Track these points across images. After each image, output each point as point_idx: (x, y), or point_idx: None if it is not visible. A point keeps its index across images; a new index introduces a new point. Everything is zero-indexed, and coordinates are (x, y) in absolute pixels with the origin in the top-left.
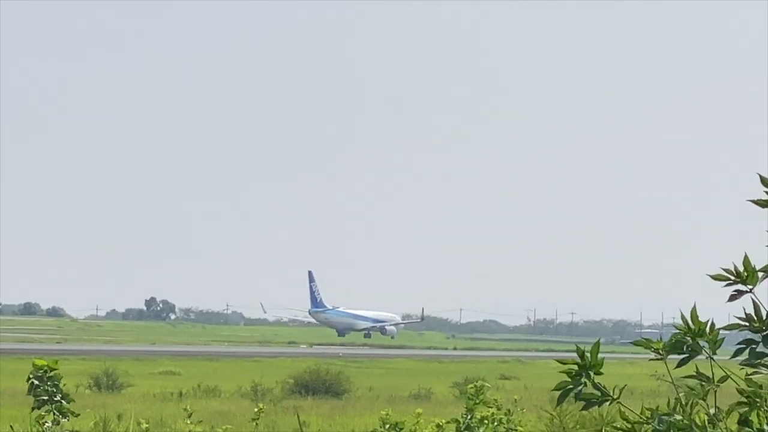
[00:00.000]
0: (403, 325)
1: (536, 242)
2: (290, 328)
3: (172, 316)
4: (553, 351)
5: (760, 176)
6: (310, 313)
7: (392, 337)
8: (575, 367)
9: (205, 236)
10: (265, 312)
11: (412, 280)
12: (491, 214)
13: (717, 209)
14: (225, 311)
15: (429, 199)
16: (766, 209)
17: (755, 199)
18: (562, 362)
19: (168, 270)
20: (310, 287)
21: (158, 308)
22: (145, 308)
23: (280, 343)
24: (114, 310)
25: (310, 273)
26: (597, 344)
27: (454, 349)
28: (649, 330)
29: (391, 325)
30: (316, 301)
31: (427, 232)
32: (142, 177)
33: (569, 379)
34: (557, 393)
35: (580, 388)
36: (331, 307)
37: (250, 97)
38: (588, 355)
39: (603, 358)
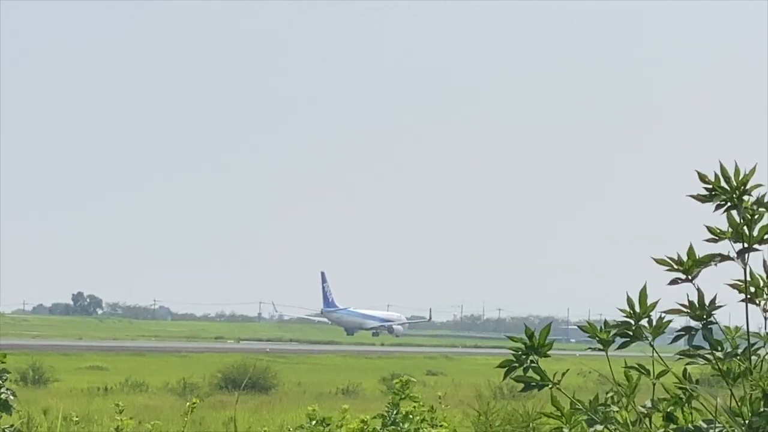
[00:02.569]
0: (408, 324)
1: (462, 238)
2: (217, 323)
3: (99, 311)
4: (479, 347)
5: (699, 173)
6: (322, 313)
7: (397, 336)
8: (522, 346)
9: (132, 230)
10: (276, 311)
11: (336, 276)
12: (418, 211)
13: (644, 206)
14: (152, 306)
15: (354, 195)
16: (705, 205)
17: (695, 194)
18: (513, 339)
19: (95, 264)
20: (323, 287)
21: (85, 303)
22: (72, 303)
23: (207, 339)
24: (41, 304)
25: (322, 274)
26: (548, 326)
27: (382, 345)
28: (576, 326)
29: (398, 324)
30: (328, 301)
31: (351, 228)
32: (73, 170)
33: (514, 359)
34: (484, 388)
35: (525, 366)
36: (342, 307)
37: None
38: (537, 335)
39: (553, 340)
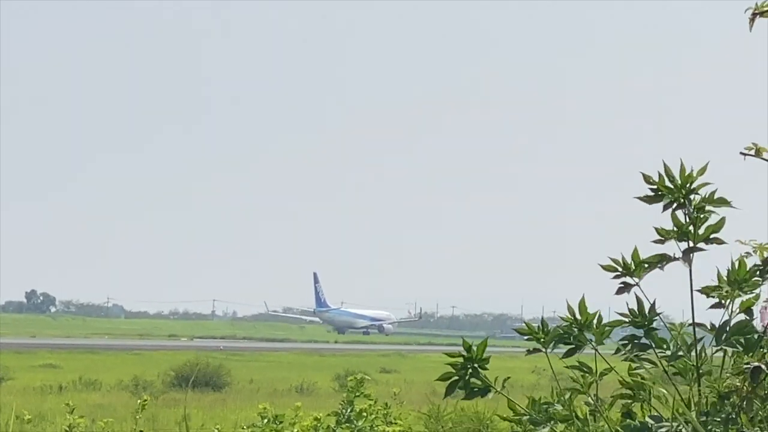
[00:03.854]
0: (397, 323)
1: (416, 236)
2: (171, 321)
3: (53, 309)
4: (433, 344)
5: (643, 174)
6: (315, 312)
7: (387, 335)
8: (461, 360)
9: (86, 227)
10: (267, 310)
11: (290, 271)
12: (371, 207)
13: (600, 205)
14: (106, 304)
15: (308, 192)
16: (651, 206)
17: (641, 195)
18: (450, 355)
19: (48, 262)
20: (315, 288)
21: (39, 301)
22: (25, 301)
23: (160, 336)
24: None
25: (315, 275)
26: (485, 341)
27: (336, 342)
28: (520, 325)
29: (388, 323)
30: (320, 301)
31: (303, 223)
32: (25, 166)
33: (454, 371)
34: (438, 385)
35: (466, 379)
36: (334, 307)
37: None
38: (474, 348)
39: (490, 355)
